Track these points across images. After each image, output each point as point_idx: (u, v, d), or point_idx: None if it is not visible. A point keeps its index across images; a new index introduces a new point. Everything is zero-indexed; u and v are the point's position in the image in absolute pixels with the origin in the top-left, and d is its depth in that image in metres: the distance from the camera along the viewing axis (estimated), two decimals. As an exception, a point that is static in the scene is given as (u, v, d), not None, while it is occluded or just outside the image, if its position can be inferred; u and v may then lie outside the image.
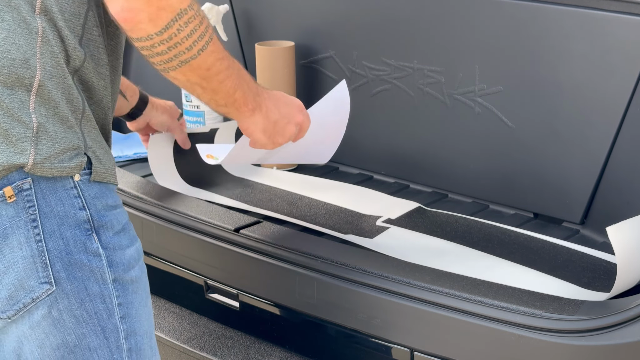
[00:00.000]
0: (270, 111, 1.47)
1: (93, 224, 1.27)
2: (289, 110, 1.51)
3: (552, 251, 1.70)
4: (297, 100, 1.55)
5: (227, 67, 1.33)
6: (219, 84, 1.34)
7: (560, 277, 1.59)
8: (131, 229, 1.36)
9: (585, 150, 1.76)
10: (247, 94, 1.40)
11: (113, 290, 1.28)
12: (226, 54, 1.33)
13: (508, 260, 1.65)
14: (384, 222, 1.81)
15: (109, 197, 1.30)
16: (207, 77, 1.31)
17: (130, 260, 1.32)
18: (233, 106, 1.40)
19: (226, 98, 1.37)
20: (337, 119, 1.71)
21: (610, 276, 1.55)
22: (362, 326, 1.54)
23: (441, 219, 1.83)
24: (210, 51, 1.28)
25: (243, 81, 1.39)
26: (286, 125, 1.51)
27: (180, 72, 1.28)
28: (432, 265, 1.58)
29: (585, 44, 1.72)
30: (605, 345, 1.31)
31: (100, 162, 1.29)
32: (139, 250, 1.36)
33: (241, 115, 1.43)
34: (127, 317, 1.30)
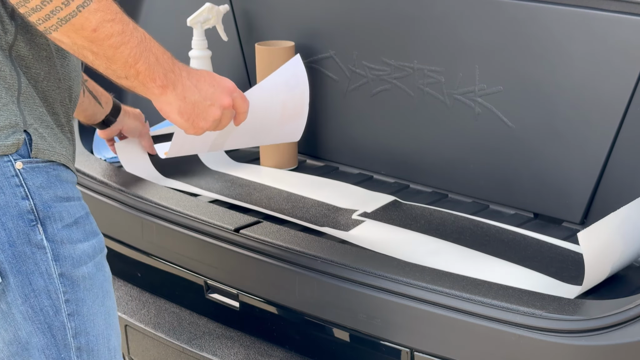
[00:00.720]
0: (187, 91, 1.34)
1: (38, 214, 1.22)
2: (213, 91, 1.38)
3: (522, 241, 1.73)
4: (227, 81, 1.42)
5: (121, 31, 1.21)
6: (113, 50, 1.21)
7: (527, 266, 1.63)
8: (89, 224, 1.30)
9: (585, 150, 1.76)
10: (154, 68, 1.27)
11: (60, 285, 1.24)
12: (120, 16, 1.21)
13: (480, 252, 1.68)
14: (359, 215, 1.84)
15: (59, 188, 1.25)
16: (95, 40, 1.19)
17: (82, 256, 1.27)
18: (136, 79, 1.26)
19: (125, 69, 1.24)
20: (294, 94, 1.60)
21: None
22: (362, 326, 1.54)
23: (416, 212, 1.86)
24: (93, 9, 1.17)
25: (149, 53, 1.26)
26: (208, 107, 1.37)
27: (61, 33, 1.18)
28: (404, 257, 1.61)
29: (585, 44, 1.72)
30: (605, 345, 1.31)
31: (45, 140, 1.23)
32: (95, 246, 1.31)
33: (149, 91, 1.30)
34: (76, 314, 1.25)
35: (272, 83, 1.56)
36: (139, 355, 1.87)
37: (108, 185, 1.92)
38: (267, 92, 1.54)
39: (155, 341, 1.80)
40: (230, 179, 2.06)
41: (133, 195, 1.87)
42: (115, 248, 1.95)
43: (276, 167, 2.13)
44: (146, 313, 1.85)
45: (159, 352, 1.81)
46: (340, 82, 2.11)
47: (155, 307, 1.86)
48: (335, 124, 2.15)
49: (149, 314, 1.85)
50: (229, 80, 1.42)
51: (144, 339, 1.83)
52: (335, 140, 2.16)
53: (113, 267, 1.97)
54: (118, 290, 1.93)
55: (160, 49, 1.29)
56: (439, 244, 1.73)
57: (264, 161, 2.16)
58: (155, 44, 1.28)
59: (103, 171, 1.97)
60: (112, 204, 1.90)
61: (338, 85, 2.11)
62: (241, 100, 1.43)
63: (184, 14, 2.21)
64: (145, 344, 1.84)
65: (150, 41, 1.27)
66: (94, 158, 2.04)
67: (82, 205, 1.30)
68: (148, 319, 1.83)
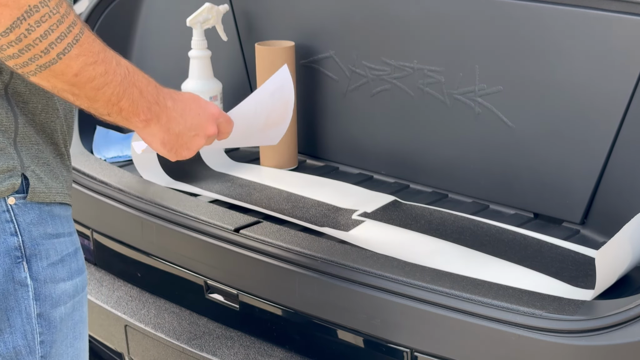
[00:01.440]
0: (172, 122, 1.28)
1: (24, 251, 1.19)
2: (198, 121, 1.32)
3: (522, 241, 1.73)
4: (212, 107, 1.36)
5: (105, 72, 1.14)
6: (95, 92, 1.15)
7: (527, 265, 1.63)
8: (75, 261, 1.26)
9: (585, 150, 1.76)
10: (138, 103, 1.21)
11: (37, 326, 1.20)
12: (102, 56, 1.15)
13: (480, 252, 1.68)
14: (359, 215, 1.84)
15: (49, 224, 1.22)
16: (77, 84, 1.13)
17: (61, 296, 1.23)
18: (119, 115, 1.20)
19: (108, 107, 1.18)
20: (279, 105, 1.59)
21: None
22: (362, 326, 1.54)
23: (416, 212, 1.86)
24: (75, 55, 1.10)
25: (133, 88, 1.19)
26: (192, 138, 1.32)
27: (41, 78, 1.11)
28: (404, 257, 1.61)
29: (585, 44, 1.72)
30: (605, 345, 1.31)
31: (41, 182, 1.20)
32: (77, 285, 1.27)
33: (132, 126, 1.24)
34: (47, 356, 1.22)
35: (258, 96, 1.54)
36: (139, 355, 1.87)
37: (108, 185, 1.92)
38: (252, 107, 1.52)
39: (155, 341, 1.80)
40: (230, 179, 2.06)
41: (133, 195, 1.87)
42: (115, 248, 1.95)
43: (276, 167, 2.13)
44: (146, 313, 1.85)
45: (159, 352, 1.81)
46: (340, 82, 2.11)
47: (155, 307, 1.86)
48: (335, 124, 2.15)
49: (149, 314, 1.84)
50: (215, 106, 1.37)
51: (144, 339, 1.83)
52: (335, 140, 2.16)
53: (113, 267, 1.98)
54: (118, 290, 1.93)
55: (145, 80, 1.23)
56: (439, 244, 1.73)
57: (264, 161, 2.16)
58: (139, 75, 1.21)
59: (103, 171, 1.97)
60: (112, 204, 1.90)
61: (338, 85, 2.11)
62: (226, 124, 1.39)
63: (183, 14, 2.21)
64: (145, 344, 1.84)
65: (134, 74, 1.20)
66: (94, 158, 2.04)
67: (72, 241, 1.26)
68: (148, 319, 1.83)
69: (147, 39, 2.34)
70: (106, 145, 2.17)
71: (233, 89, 2.30)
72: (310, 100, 2.16)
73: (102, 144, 2.17)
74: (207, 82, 2.21)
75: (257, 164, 2.16)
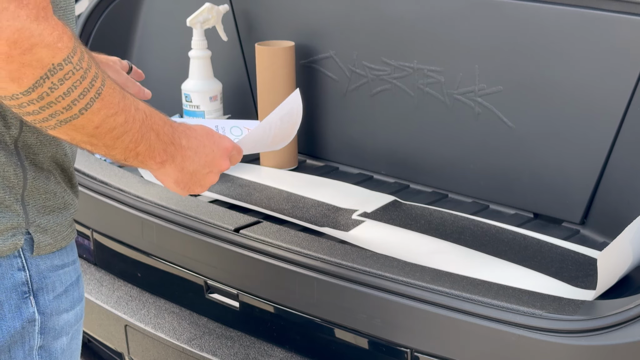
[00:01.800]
0: (187, 161, 1.26)
1: (32, 286, 1.16)
2: (212, 158, 1.30)
3: (522, 241, 1.73)
4: (225, 141, 1.33)
5: (124, 121, 1.12)
6: (114, 141, 1.12)
7: (527, 265, 1.63)
8: (77, 290, 1.24)
9: (585, 150, 1.76)
10: (154, 146, 1.18)
11: (37, 357, 1.18)
12: (122, 105, 1.11)
13: (480, 252, 1.68)
14: (359, 215, 1.84)
15: (56, 256, 1.19)
16: (97, 135, 1.10)
17: (64, 327, 1.21)
18: (136, 160, 1.18)
19: (125, 153, 1.15)
20: (288, 125, 1.57)
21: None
22: (362, 326, 1.54)
23: (416, 212, 1.86)
24: (97, 109, 1.07)
25: (150, 131, 1.17)
26: (206, 175, 1.30)
27: (60, 132, 1.08)
28: (404, 257, 1.61)
29: (585, 44, 1.72)
30: (605, 345, 1.31)
31: (46, 233, 1.18)
32: (78, 314, 1.24)
33: (147, 168, 1.22)
34: None
35: (268, 123, 1.52)
36: (139, 355, 1.87)
37: (108, 185, 1.92)
38: (262, 132, 1.51)
39: (155, 341, 1.80)
40: (230, 179, 2.06)
41: (133, 195, 1.87)
42: (115, 248, 1.95)
43: (276, 167, 2.13)
44: (146, 313, 1.85)
45: (159, 352, 1.81)
46: (340, 82, 2.11)
47: (155, 307, 1.86)
48: (335, 124, 2.15)
49: (149, 314, 1.84)
50: (227, 139, 1.34)
51: (144, 339, 1.83)
52: (335, 140, 2.16)
53: (113, 267, 1.98)
54: (118, 290, 1.93)
55: (161, 121, 1.20)
56: (439, 244, 1.73)
57: (264, 161, 2.16)
58: (156, 117, 1.19)
59: (103, 171, 1.97)
60: (112, 204, 1.90)
61: (338, 85, 2.11)
62: (237, 155, 1.37)
63: (184, 14, 2.21)
64: (145, 344, 1.84)
65: (151, 117, 1.17)
66: (94, 158, 2.04)
67: (75, 269, 1.24)
68: (148, 319, 1.83)
69: (147, 39, 2.34)
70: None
71: (233, 89, 2.30)
72: (310, 100, 2.16)
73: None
74: (207, 82, 2.21)
75: (257, 163, 2.16)
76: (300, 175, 2.09)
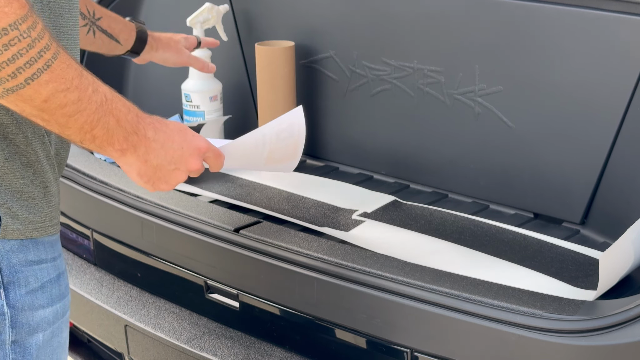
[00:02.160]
0: (152, 154, 1.22)
1: (2, 279, 1.14)
2: (180, 154, 1.26)
3: (522, 241, 1.73)
4: (199, 140, 1.30)
5: (77, 99, 1.09)
6: (66, 119, 1.10)
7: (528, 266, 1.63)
8: (57, 287, 1.22)
9: (585, 150, 1.76)
10: (113, 132, 1.16)
11: (10, 352, 1.17)
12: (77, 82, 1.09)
13: (480, 252, 1.68)
14: (359, 215, 1.84)
15: (31, 251, 1.18)
16: (47, 110, 1.08)
17: (40, 323, 1.19)
18: (93, 143, 1.15)
19: (81, 135, 1.13)
20: (288, 142, 1.50)
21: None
22: (362, 326, 1.54)
23: (416, 212, 1.86)
24: (44, 81, 1.06)
25: (109, 116, 1.14)
26: (172, 171, 1.26)
27: (8, 101, 1.07)
28: (404, 257, 1.61)
29: (585, 44, 1.72)
30: (605, 345, 1.31)
31: (16, 219, 1.16)
32: (58, 311, 1.22)
33: (107, 154, 1.19)
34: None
35: (261, 135, 1.47)
36: (139, 355, 1.87)
37: (108, 185, 1.92)
38: (253, 144, 1.46)
39: (155, 341, 1.80)
40: (230, 179, 2.06)
41: (133, 195, 1.87)
42: (115, 248, 1.95)
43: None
44: (146, 313, 1.85)
45: (159, 352, 1.81)
46: (340, 82, 2.11)
47: (155, 307, 1.86)
48: (335, 124, 2.15)
49: (149, 314, 1.84)
50: (202, 139, 1.31)
51: (144, 339, 1.83)
52: (335, 140, 2.16)
53: (113, 267, 1.98)
54: (118, 290, 1.93)
55: (124, 109, 1.17)
56: (439, 244, 1.73)
57: (264, 161, 2.16)
58: (118, 103, 1.16)
59: (103, 171, 1.97)
60: (112, 204, 1.90)
61: (338, 85, 2.11)
62: (214, 159, 1.34)
63: (184, 14, 2.21)
64: (145, 344, 1.84)
65: (112, 102, 1.15)
66: (94, 158, 2.04)
67: (55, 266, 1.22)
68: (148, 319, 1.83)
69: (147, 39, 2.34)
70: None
71: (233, 89, 2.30)
72: (310, 100, 2.16)
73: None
74: (207, 82, 2.21)
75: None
76: (300, 175, 2.09)
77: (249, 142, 1.46)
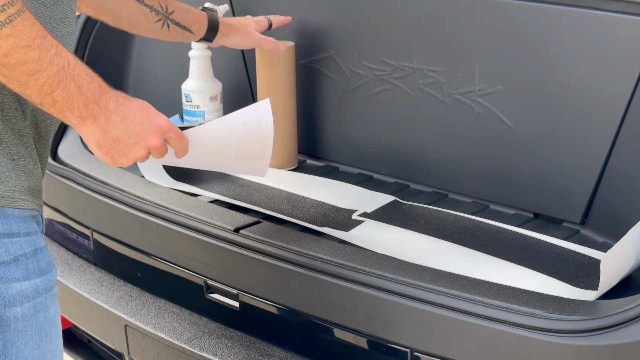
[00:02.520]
0: (110, 125, 1.25)
1: None
2: (140, 130, 1.28)
3: (522, 241, 1.73)
4: (161, 119, 1.32)
5: (38, 58, 1.13)
6: (26, 77, 1.14)
7: (528, 266, 1.63)
8: (34, 262, 1.23)
9: (585, 150, 1.76)
10: (73, 98, 1.18)
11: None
12: (39, 42, 1.13)
13: (480, 252, 1.68)
14: (360, 215, 1.84)
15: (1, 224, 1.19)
16: (7, 65, 1.12)
17: (16, 296, 1.19)
18: (52, 107, 1.18)
19: (40, 97, 1.16)
20: (253, 138, 1.49)
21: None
22: (362, 326, 1.54)
23: (416, 212, 1.86)
24: (6, 34, 1.10)
25: (71, 81, 1.17)
26: (131, 146, 1.28)
27: None
28: (404, 257, 1.61)
29: (585, 44, 1.72)
30: (605, 345, 1.31)
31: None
32: (39, 286, 1.23)
33: (67, 121, 1.21)
34: (3, 356, 1.19)
35: (227, 123, 1.47)
36: (139, 355, 1.87)
37: (108, 185, 1.92)
38: (218, 132, 1.46)
39: (155, 341, 1.80)
40: (231, 179, 2.06)
41: (133, 195, 1.87)
42: (115, 248, 1.95)
43: (276, 167, 2.13)
44: (146, 313, 1.85)
45: (159, 352, 1.81)
46: (340, 82, 2.11)
47: (155, 307, 1.86)
48: (335, 124, 2.15)
49: (149, 314, 1.84)
50: (164, 118, 1.33)
51: (144, 339, 1.83)
52: (335, 140, 2.16)
53: (113, 267, 1.98)
54: (118, 290, 1.93)
55: (87, 77, 1.20)
56: (439, 244, 1.73)
57: (264, 161, 2.16)
58: (82, 71, 1.19)
59: (103, 171, 1.97)
60: (112, 204, 1.90)
61: (338, 85, 2.11)
62: (176, 140, 1.36)
63: (184, 14, 2.20)
64: (145, 344, 1.84)
65: (75, 68, 1.18)
66: (94, 158, 2.04)
67: (29, 241, 1.23)
68: (148, 319, 1.83)
69: (147, 39, 2.34)
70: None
71: (233, 89, 2.30)
72: (310, 100, 2.16)
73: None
74: (207, 82, 2.21)
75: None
76: (300, 175, 2.09)
77: (214, 128, 1.46)
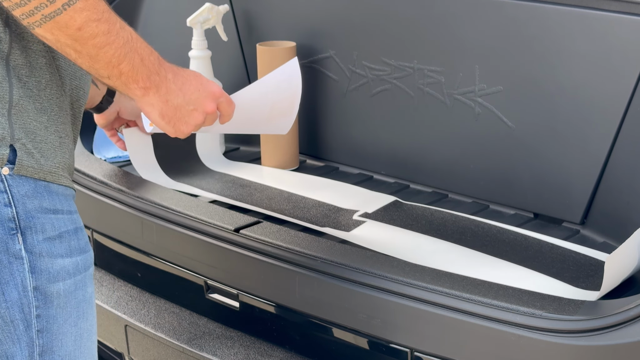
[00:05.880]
0: (171, 94, 1.31)
1: (19, 223, 1.19)
2: (197, 96, 1.35)
3: (523, 242, 1.73)
4: (213, 86, 1.38)
5: (107, 31, 1.18)
6: (97, 50, 1.18)
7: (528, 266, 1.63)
8: (75, 239, 1.26)
9: (585, 150, 1.76)
10: (138, 69, 1.24)
11: (33, 299, 1.20)
12: (107, 16, 1.18)
13: (481, 253, 1.68)
14: (360, 216, 1.84)
15: (45, 199, 1.22)
16: (79, 39, 1.17)
17: (60, 272, 1.23)
18: (119, 79, 1.23)
19: (109, 69, 1.22)
20: (286, 96, 1.57)
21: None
22: (362, 326, 1.54)
23: (417, 212, 1.86)
24: (79, 8, 1.14)
25: (135, 53, 1.23)
26: (191, 112, 1.34)
27: (45, 30, 1.15)
28: (405, 257, 1.61)
29: (585, 44, 1.72)
30: (605, 345, 1.31)
31: (32, 157, 1.21)
32: (79, 264, 1.26)
33: (131, 93, 1.27)
34: (45, 331, 1.22)
35: (264, 85, 1.54)
36: (139, 355, 1.87)
37: (108, 185, 1.92)
38: (257, 94, 1.53)
39: (155, 341, 1.80)
40: (231, 179, 2.06)
41: (133, 195, 1.87)
42: (115, 248, 1.95)
43: (277, 168, 2.13)
44: (146, 313, 1.85)
45: (159, 352, 1.81)
46: (340, 82, 2.11)
47: (155, 307, 1.86)
48: (335, 124, 2.15)
49: (149, 314, 1.85)
50: (216, 85, 1.39)
51: (144, 339, 1.83)
52: (335, 140, 2.16)
53: (113, 267, 1.98)
54: (118, 291, 1.93)
55: (147, 50, 1.26)
56: (440, 244, 1.73)
57: (265, 161, 2.16)
58: (142, 44, 1.25)
59: (103, 171, 1.97)
60: (112, 204, 1.90)
61: (338, 85, 2.11)
62: (226, 105, 1.41)
63: (184, 14, 2.21)
64: (145, 344, 1.84)
65: (137, 41, 1.24)
66: (94, 158, 2.04)
67: (72, 219, 1.26)
68: (148, 319, 1.83)
69: (147, 39, 2.32)
70: (106, 145, 2.17)
71: (233, 89, 2.29)
72: (311, 100, 2.16)
73: (102, 144, 2.17)
74: (207, 82, 2.20)
75: (258, 164, 2.16)
76: (300, 175, 2.09)
77: (253, 91, 1.52)
